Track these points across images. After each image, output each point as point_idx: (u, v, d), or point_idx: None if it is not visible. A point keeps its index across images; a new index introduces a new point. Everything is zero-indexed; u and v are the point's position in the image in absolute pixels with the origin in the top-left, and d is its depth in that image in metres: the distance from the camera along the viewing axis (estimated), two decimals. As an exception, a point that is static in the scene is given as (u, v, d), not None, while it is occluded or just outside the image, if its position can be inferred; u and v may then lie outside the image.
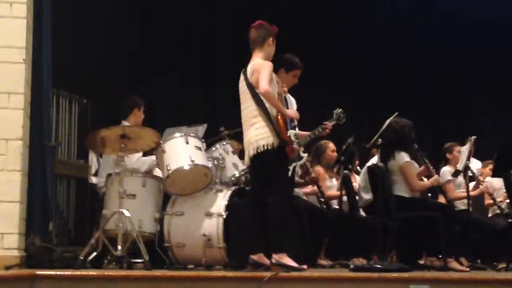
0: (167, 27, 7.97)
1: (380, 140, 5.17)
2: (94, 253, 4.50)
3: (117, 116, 5.63)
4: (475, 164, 7.23)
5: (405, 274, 4.30)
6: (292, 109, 4.93)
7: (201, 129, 5.47)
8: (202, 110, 8.15)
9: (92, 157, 6.02)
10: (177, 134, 5.04)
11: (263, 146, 4.44)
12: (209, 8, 8.27)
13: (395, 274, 4.23)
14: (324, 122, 5.18)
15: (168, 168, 4.88)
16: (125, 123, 5.44)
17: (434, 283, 4.05)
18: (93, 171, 5.97)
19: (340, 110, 5.30)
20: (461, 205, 6.32)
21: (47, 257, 4.35)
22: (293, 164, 4.48)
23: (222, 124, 5.54)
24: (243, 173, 5.19)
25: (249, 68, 4.61)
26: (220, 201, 4.94)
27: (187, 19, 8.12)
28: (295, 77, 5.12)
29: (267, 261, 4.44)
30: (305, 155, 4.64)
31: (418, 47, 8.81)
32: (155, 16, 7.91)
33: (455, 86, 9.00)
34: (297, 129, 4.84)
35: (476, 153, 7.28)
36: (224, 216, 4.85)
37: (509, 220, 6.12)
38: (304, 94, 5.42)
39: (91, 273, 4.00)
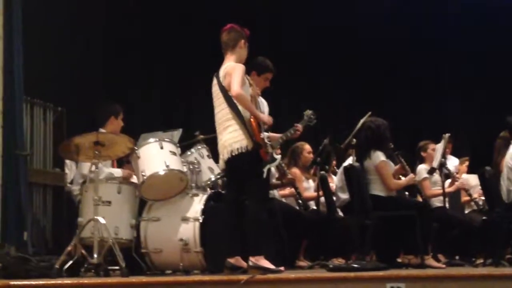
0: (141, 32, 7.95)
1: (354, 140, 5.20)
2: (70, 262, 4.47)
3: (95, 125, 5.59)
4: (453, 161, 7.30)
5: (381, 273, 4.32)
6: (264, 111, 4.94)
7: (176, 134, 5.46)
8: (180, 114, 8.15)
9: (71, 165, 5.99)
10: (151, 140, 5.02)
11: (237, 149, 4.43)
12: (183, 13, 8.27)
13: (371, 273, 4.26)
14: (295, 124, 5.17)
15: (143, 174, 4.86)
16: (102, 131, 5.41)
17: (409, 281, 4.07)
18: (69, 179, 5.93)
19: (311, 111, 5.30)
20: (438, 202, 6.36)
21: (23, 267, 4.30)
22: (267, 166, 4.47)
23: (199, 128, 5.54)
24: (218, 177, 5.20)
25: (222, 72, 4.61)
26: (196, 205, 4.93)
27: (162, 23, 8.11)
28: (266, 80, 5.14)
29: (244, 264, 4.43)
30: (278, 157, 4.64)
31: (393, 46, 8.87)
32: (129, 22, 7.89)
33: (430, 84, 9.09)
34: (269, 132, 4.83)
35: (453, 150, 7.38)
36: (201, 220, 4.85)
37: (484, 217, 6.16)
38: (280, 93, 5.37)
39: (66, 281, 3.96)
